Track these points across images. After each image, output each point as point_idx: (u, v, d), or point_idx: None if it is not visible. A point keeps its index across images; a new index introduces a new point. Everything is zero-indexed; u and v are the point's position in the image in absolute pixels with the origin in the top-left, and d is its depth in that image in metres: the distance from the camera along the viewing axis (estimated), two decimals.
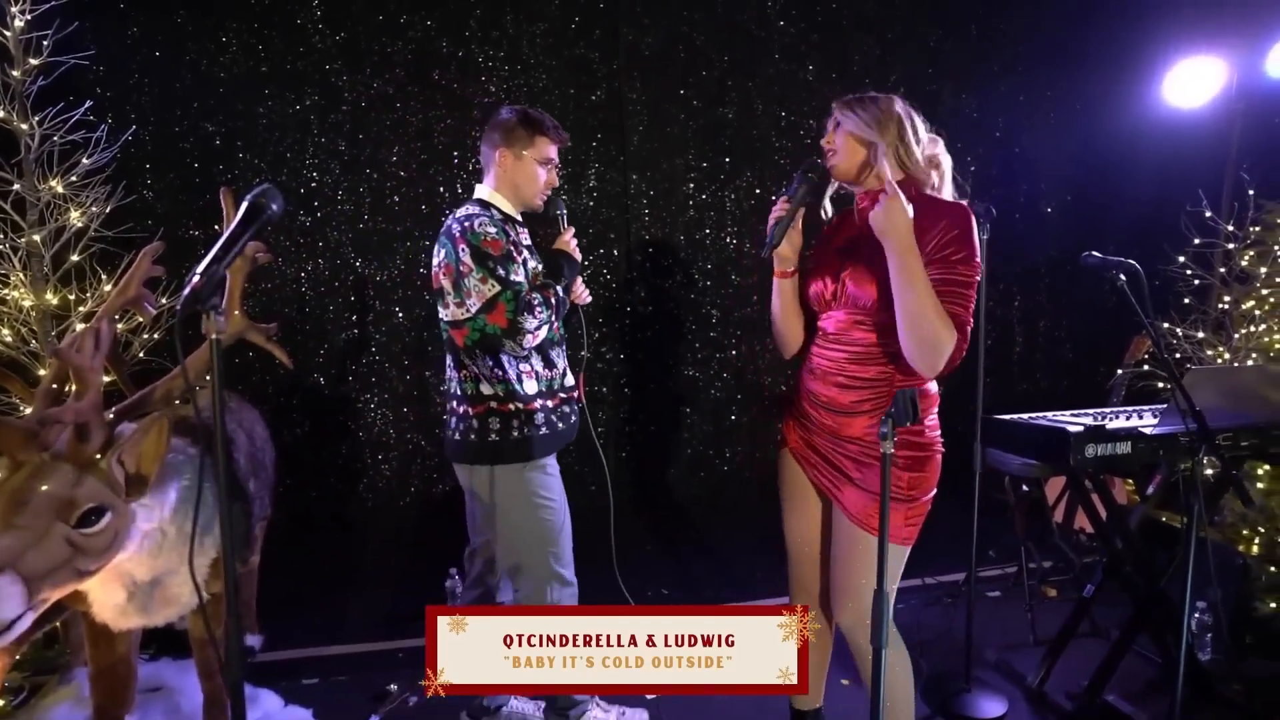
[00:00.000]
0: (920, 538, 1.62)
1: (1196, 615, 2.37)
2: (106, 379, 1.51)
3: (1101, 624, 2.64)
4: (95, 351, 1.30)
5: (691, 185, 3.99)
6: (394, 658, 2.56)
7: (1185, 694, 2.08)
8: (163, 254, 1.83)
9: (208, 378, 1.81)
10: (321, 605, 2.97)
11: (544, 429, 1.86)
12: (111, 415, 1.42)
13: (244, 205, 1.00)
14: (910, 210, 1.43)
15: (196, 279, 0.92)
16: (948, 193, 1.63)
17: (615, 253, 3.95)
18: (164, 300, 2.42)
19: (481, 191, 1.92)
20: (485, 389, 1.83)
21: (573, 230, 1.97)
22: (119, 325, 2.22)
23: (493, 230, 1.75)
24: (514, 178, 1.89)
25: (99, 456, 1.36)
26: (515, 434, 1.83)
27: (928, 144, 1.62)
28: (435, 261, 1.83)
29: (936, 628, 2.69)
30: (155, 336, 2.34)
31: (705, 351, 4.16)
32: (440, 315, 1.86)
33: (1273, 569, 2.41)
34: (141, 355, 2.29)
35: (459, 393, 1.88)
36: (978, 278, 1.50)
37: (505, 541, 1.92)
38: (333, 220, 3.66)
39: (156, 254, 1.84)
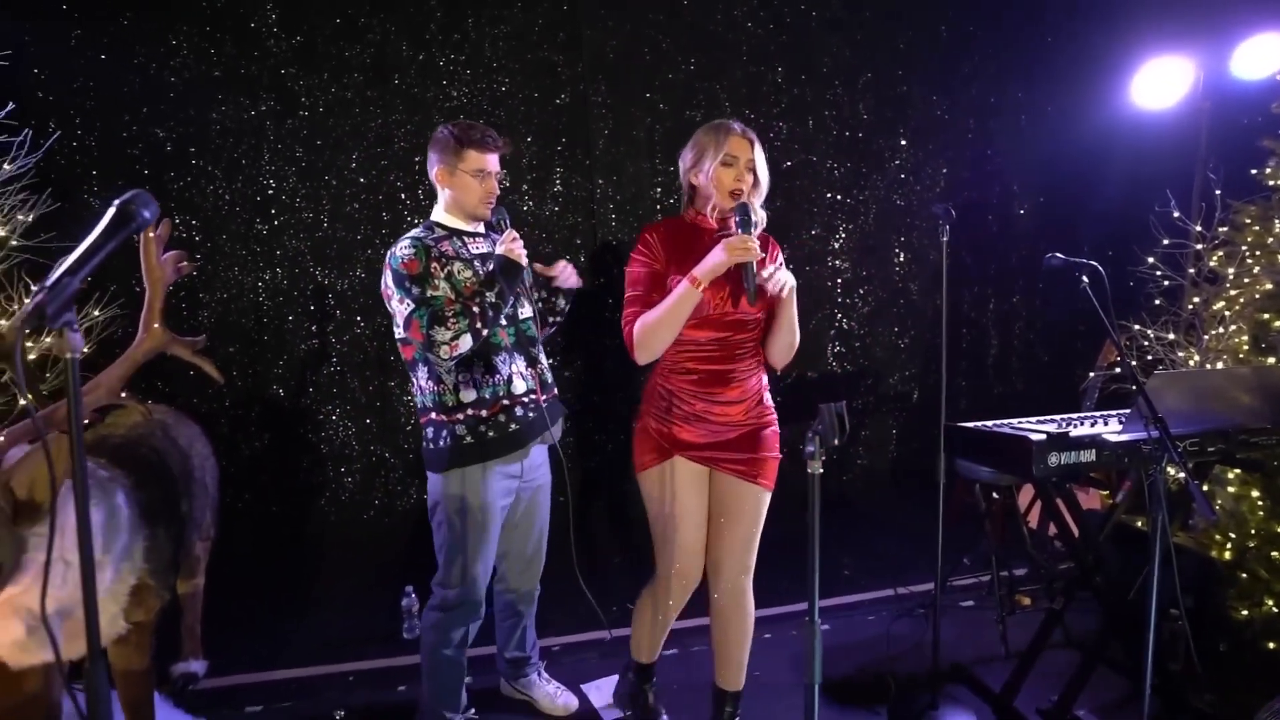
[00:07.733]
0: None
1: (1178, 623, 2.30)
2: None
3: (1077, 634, 2.58)
4: None
5: (659, 190, 3.92)
6: (344, 681, 2.46)
7: (1157, 705, 2.03)
8: (103, 264, 1.72)
9: (123, 395, 1.73)
10: (274, 626, 2.86)
11: (468, 438, 1.89)
12: (1, 438, 1.33)
13: (110, 212, 0.92)
14: None
15: (43, 293, 0.83)
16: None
17: (581, 258, 3.87)
18: (96, 313, 2.32)
19: (435, 210, 2.01)
20: (428, 401, 1.94)
21: (512, 233, 1.93)
22: (46, 339, 2.12)
23: (410, 252, 1.84)
24: (453, 193, 1.95)
25: None
26: (443, 443, 1.90)
27: None
28: None
29: (907, 640, 2.62)
30: (86, 350, 2.23)
31: None
32: None
33: (1244, 575, 2.37)
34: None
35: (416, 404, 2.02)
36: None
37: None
38: (290, 228, 3.56)
39: None
